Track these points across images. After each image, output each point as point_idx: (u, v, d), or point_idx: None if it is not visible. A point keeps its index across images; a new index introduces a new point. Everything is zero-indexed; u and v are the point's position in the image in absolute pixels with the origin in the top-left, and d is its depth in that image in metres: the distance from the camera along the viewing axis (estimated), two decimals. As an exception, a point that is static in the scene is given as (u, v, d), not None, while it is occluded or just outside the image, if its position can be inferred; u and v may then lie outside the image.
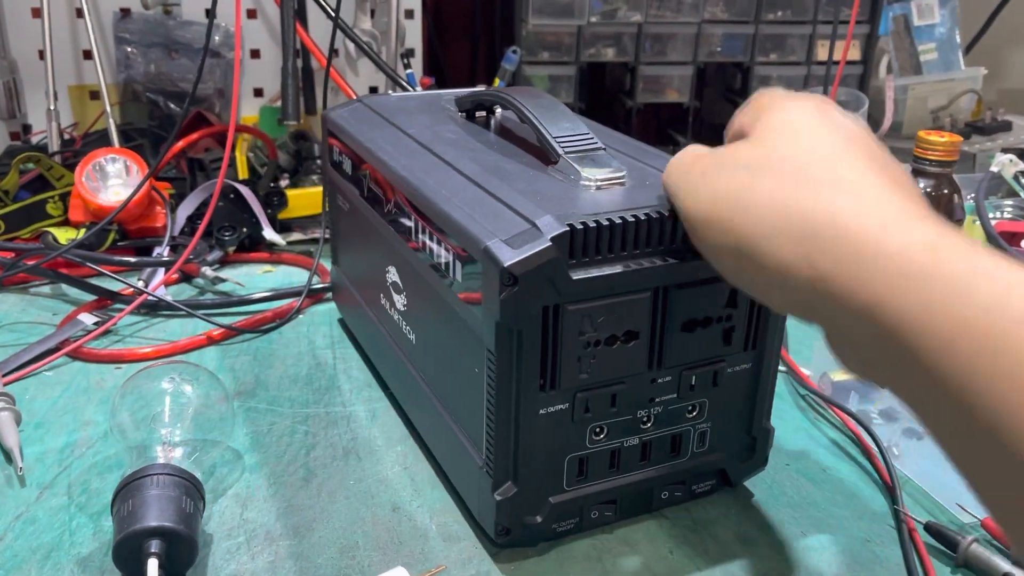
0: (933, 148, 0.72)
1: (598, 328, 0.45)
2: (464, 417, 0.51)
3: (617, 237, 0.44)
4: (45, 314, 0.79)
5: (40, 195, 0.91)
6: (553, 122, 0.53)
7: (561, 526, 0.51)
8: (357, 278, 0.70)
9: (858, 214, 0.33)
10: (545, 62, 1.24)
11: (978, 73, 1.34)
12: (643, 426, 0.50)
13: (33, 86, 1.17)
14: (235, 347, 0.75)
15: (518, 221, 0.45)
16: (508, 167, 0.53)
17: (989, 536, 0.52)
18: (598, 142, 0.52)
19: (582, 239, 0.44)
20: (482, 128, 0.63)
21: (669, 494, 0.53)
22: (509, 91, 0.58)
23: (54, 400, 0.66)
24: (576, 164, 0.50)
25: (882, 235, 0.32)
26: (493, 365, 0.45)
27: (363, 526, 0.53)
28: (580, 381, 0.47)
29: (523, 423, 0.46)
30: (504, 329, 0.44)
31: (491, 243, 0.43)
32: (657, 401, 0.50)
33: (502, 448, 0.47)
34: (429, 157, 0.57)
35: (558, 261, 0.43)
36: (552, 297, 0.44)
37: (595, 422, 0.49)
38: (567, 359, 0.46)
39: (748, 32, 1.26)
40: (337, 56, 1.26)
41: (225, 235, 0.89)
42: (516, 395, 0.46)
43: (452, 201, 0.49)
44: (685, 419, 0.51)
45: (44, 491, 0.55)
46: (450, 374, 0.53)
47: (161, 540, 0.46)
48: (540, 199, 0.47)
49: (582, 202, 0.47)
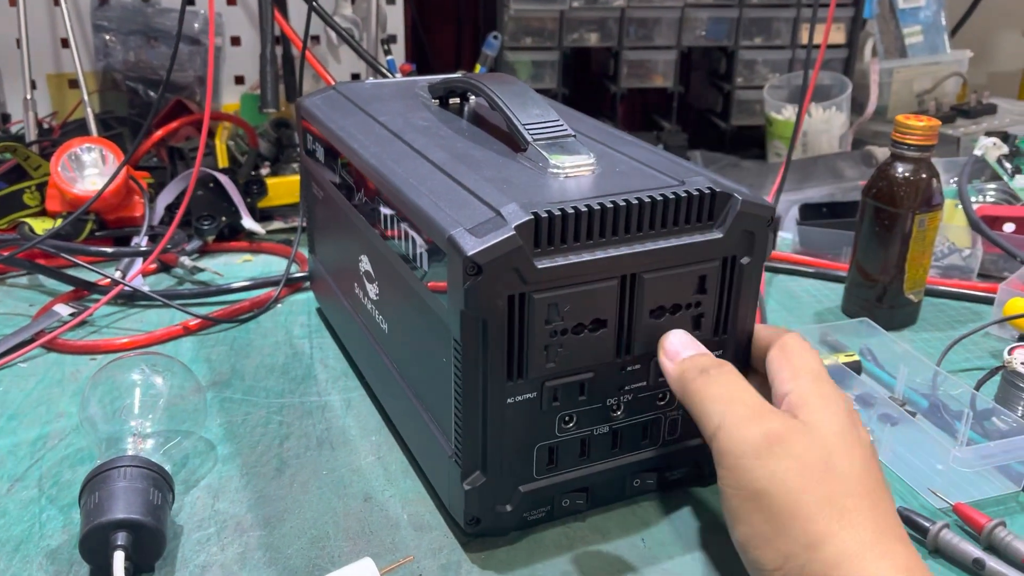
0: (912, 132, 0.71)
1: (565, 316, 0.45)
2: (434, 406, 0.51)
3: (583, 225, 0.44)
4: (21, 305, 0.79)
5: (17, 185, 0.90)
6: (522, 109, 0.53)
7: (532, 515, 0.51)
8: (333, 267, 0.70)
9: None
10: (528, 47, 1.23)
11: (964, 56, 1.34)
12: (613, 414, 0.50)
13: (11, 75, 1.16)
14: (212, 337, 0.74)
15: (483, 210, 0.44)
16: (477, 155, 0.53)
17: (960, 522, 0.52)
18: (568, 129, 0.52)
19: (547, 227, 0.43)
20: (455, 115, 0.62)
21: (641, 482, 0.53)
22: (480, 77, 0.57)
23: (28, 392, 0.65)
24: (545, 151, 0.50)
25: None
26: (460, 354, 0.45)
27: (334, 516, 0.52)
28: (548, 370, 0.46)
29: (491, 412, 0.46)
30: (469, 318, 0.43)
31: (455, 232, 0.43)
32: (627, 389, 0.50)
33: (470, 437, 0.47)
34: (398, 145, 0.56)
35: (522, 250, 0.43)
36: (517, 286, 0.43)
37: (564, 411, 0.48)
38: (534, 348, 0.45)
39: (732, 16, 1.25)
40: (318, 43, 1.26)
41: (204, 224, 0.89)
42: (483, 384, 0.45)
43: (419, 189, 0.49)
44: (656, 407, 0.51)
45: (15, 484, 0.55)
46: (421, 363, 0.52)
47: (128, 532, 0.46)
48: (507, 187, 0.47)
49: (549, 190, 0.46)
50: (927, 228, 0.73)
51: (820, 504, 0.39)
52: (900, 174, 0.72)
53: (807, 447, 0.41)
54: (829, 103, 1.22)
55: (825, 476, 0.40)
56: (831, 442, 0.42)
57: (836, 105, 1.22)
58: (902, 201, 0.72)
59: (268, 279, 0.83)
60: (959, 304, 0.82)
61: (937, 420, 0.61)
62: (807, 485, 0.40)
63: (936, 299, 0.82)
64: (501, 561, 0.49)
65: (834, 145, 1.22)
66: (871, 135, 1.27)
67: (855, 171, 1.13)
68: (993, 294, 0.79)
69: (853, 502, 0.40)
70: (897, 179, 0.72)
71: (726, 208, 0.47)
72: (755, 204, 0.48)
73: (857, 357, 0.67)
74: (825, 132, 1.22)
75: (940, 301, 0.82)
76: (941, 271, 0.86)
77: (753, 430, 0.42)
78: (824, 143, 1.22)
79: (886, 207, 0.72)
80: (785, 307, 0.81)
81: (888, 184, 0.72)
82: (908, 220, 0.72)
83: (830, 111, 1.22)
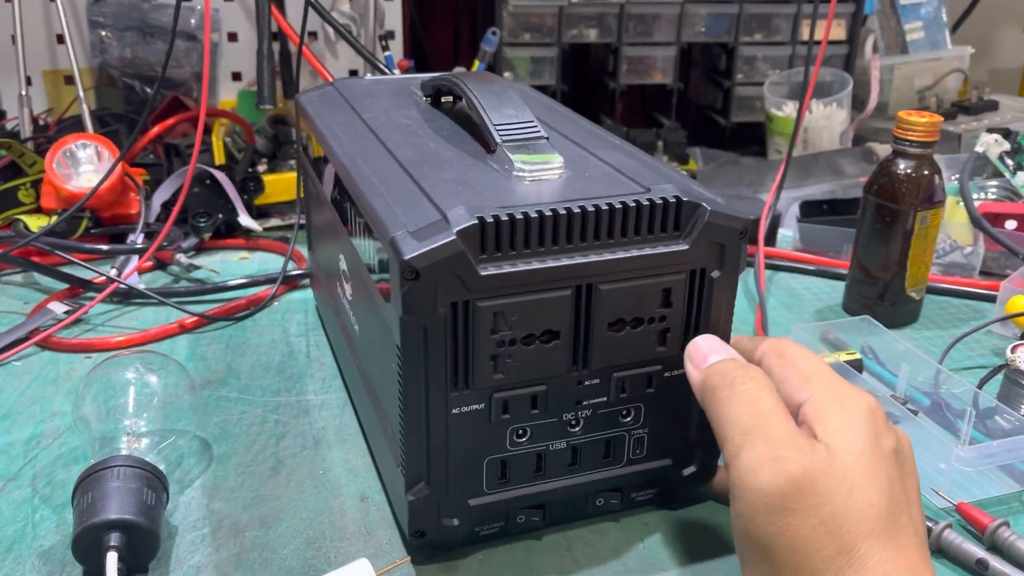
0: (913, 128, 0.70)
1: (513, 326, 0.43)
2: (388, 412, 0.49)
3: (534, 231, 0.42)
4: (16, 303, 0.78)
5: (12, 182, 0.90)
6: (496, 109, 0.51)
7: (484, 530, 0.49)
8: (323, 266, 0.69)
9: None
10: (527, 43, 1.22)
11: (965, 52, 1.33)
12: (571, 429, 0.48)
13: (6, 71, 1.15)
14: (208, 335, 0.74)
15: (431, 212, 0.43)
16: (447, 155, 0.51)
17: (963, 521, 0.51)
18: (540, 131, 0.50)
19: (494, 233, 0.41)
20: (442, 114, 0.61)
21: (605, 501, 0.51)
22: (462, 76, 0.56)
23: (22, 390, 0.65)
24: (511, 153, 0.48)
25: None
26: (400, 361, 0.43)
27: (331, 516, 0.52)
28: (495, 381, 0.44)
29: (434, 422, 0.44)
30: (409, 324, 0.42)
31: (398, 234, 0.41)
32: (585, 404, 0.47)
33: (413, 447, 0.45)
34: (373, 142, 0.55)
35: (463, 255, 0.41)
36: (460, 293, 0.42)
37: (516, 424, 0.46)
38: (480, 358, 0.43)
39: (732, 12, 1.25)
40: (316, 39, 1.25)
41: (200, 221, 0.88)
42: (426, 393, 0.44)
43: (378, 189, 0.47)
44: (619, 424, 0.49)
45: (8, 483, 0.55)
46: (378, 368, 0.51)
47: (121, 533, 0.45)
48: (463, 189, 0.45)
49: (506, 193, 0.44)
50: (929, 225, 0.72)
51: (830, 559, 0.38)
52: (902, 170, 0.71)
53: (827, 491, 0.39)
54: (830, 99, 1.21)
55: (843, 525, 0.38)
56: (854, 472, 0.39)
57: (837, 101, 1.21)
58: (904, 198, 0.71)
59: (265, 277, 0.82)
60: (961, 302, 0.81)
61: (939, 419, 0.61)
62: (820, 541, 0.38)
63: (938, 297, 0.82)
64: (499, 562, 0.49)
65: (835, 142, 1.21)
66: (872, 132, 1.27)
67: (856, 168, 1.13)
68: (995, 292, 0.78)
69: (868, 545, 0.38)
70: (899, 175, 0.71)
71: (693, 218, 0.45)
72: (725, 215, 0.45)
73: (858, 355, 0.67)
74: (826, 129, 1.21)
75: (942, 299, 0.82)
76: (943, 268, 0.86)
77: (770, 478, 0.39)
78: (825, 140, 1.21)
79: (888, 204, 0.72)
80: (786, 305, 0.80)
81: (890, 180, 0.72)
82: (910, 217, 0.71)
83: (831, 107, 1.21)
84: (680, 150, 1.22)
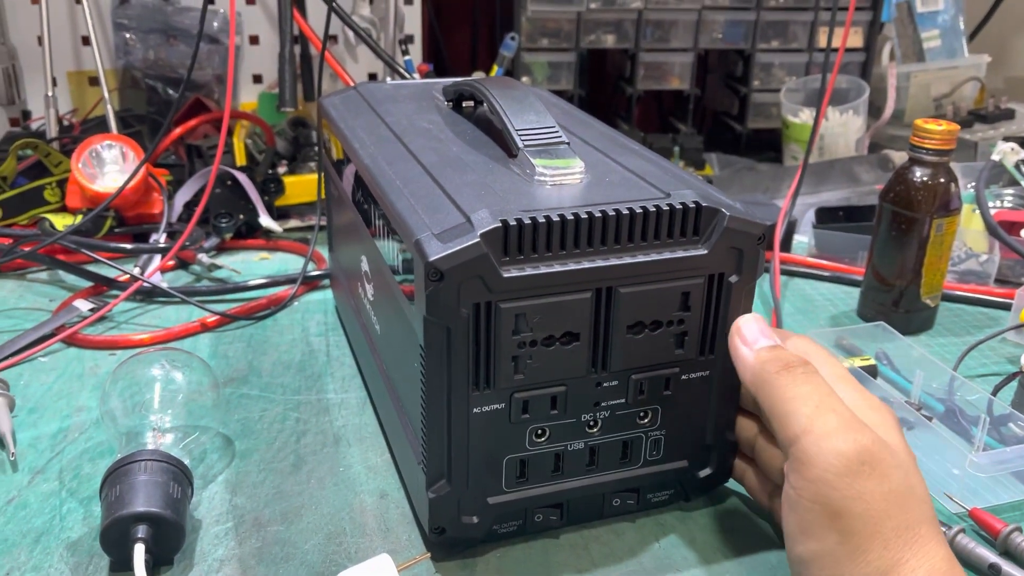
0: (930, 136, 0.71)
1: (534, 328, 0.44)
2: (409, 411, 0.50)
3: (556, 234, 0.43)
4: (41, 300, 0.80)
5: (38, 181, 0.91)
6: (518, 114, 0.52)
7: (503, 528, 0.50)
8: (344, 266, 0.70)
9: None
10: (545, 49, 1.23)
11: (982, 61, 1.33)
12: (589, 430, 0.49)
13: (32, 72, 1.17)
14: (229, 334, 0.75)
15: (455, 215, 0.43)
16: (469, 159, 0.52)
17: (976, 527, 0.52)
18: (562, 136, 0.51)
19: (516, 235, 0.42)
20: (463, 118, 0.62)
21: (621, 502, 0.52)
22: (484, 81, 0.57)
23: (48, 386, 0.66)
24: (533, 158, 0.49)
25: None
26: (423, 361, 0.44)
27: (351, 513, 0.53)
28: (516, 382, 0.45)
29: (455, 421, 0.45)
30: (432, 325, 0.43)
31: (422, 236, 0.42)
32: (603, 405, 0.48)
33: (435, 445, 0.46)
34: (397, 146, 0.56)
35: (487, 257, 0.41)
36: (483, 294, 0.42)
37: (535, 424, 0.47)
38: (502, 358, 0.44)
39: (750, 19, 1.25)
40: (336, 42, 1.26)
41: (222, 222, 0.90)
42: (448, 392, 0.44)
43: (402, 192, 0.48)
44: (636, 425, 0.50)
45: (36, 476, 0.56)
46: (400, 367, 0.52)
47: (148, 525, 0.46)
48: (485, 193, 0.46)
49: (528, 197, 0.45)
50: (944, 233, 0.73)
51: (899, 531, 0.39)
52: (918, 178, 0.72)
53: (894, 468, 0.40)
54: (846, 107, 1.21)
55: (907, 501, 0.39)
56: (907, 462, 0.41)
57: (853, 109, 1.21)
58: (920, 205, 0.72)
59: (285, 277, 0.83)
60: (976, 309, 0.82)
61: (953, 425, 0.61)
62: (891, 510, 0.39)
63: (953, 304, 0.82)
64: (516, 559, 0.49)
65: (851, 149, 1.22)
66: (888, 139, 1.27)
67: (872, 175, 1.13)
68: (1010, 300, 0.79)
69: (926, 529, 0.39)
70: (915, 183, 0.72)
71: (712, 223, 0.45)
72: (744, 221, 0.46)
73: (873, 361, 0.67)
74: (842, 136, 1.21)
75: (957, 306, 0.82)
76: (958, 276, 0.86)
77: (847, 444, 0.40)
78: (841, 147, 1.22)
79: (903, 211, 0.72)
80: (801, 310, 0.81)
81: (906, 188, 0.72)
82: (925, 224, 0.72)
83: (847, 115, 1.21)
84: (696, 156, 1.23)
